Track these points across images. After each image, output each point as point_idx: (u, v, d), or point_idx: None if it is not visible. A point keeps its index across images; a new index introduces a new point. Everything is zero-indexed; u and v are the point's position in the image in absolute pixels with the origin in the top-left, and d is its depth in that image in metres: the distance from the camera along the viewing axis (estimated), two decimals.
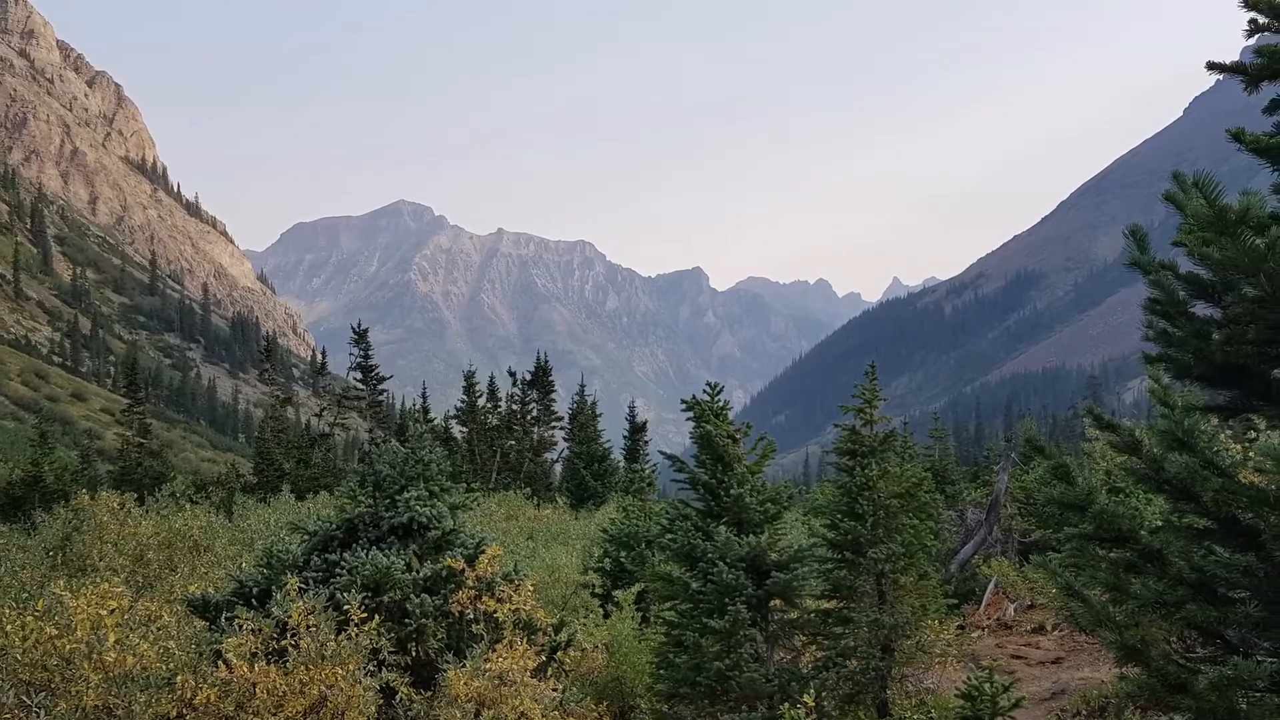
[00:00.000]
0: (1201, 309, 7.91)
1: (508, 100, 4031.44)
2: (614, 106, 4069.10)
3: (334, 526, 11.31)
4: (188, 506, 24.56)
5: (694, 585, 12.59)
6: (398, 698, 9.48)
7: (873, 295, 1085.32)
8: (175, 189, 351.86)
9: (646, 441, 55.69)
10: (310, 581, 10.18)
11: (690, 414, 13.80)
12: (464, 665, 9.48)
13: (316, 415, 66.61)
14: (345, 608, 9.28)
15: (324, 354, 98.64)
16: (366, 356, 59.24)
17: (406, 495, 11.15)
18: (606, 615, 16.55)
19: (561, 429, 60.64)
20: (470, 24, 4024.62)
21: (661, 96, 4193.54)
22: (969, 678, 10.79)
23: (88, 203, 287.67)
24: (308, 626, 8.92)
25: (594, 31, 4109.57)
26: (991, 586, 25.04)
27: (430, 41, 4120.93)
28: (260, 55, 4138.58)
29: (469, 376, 60.32)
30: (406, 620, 10.27)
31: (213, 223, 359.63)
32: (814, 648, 14.18)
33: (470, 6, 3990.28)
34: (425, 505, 11.15)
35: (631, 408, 59.51)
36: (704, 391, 14.03)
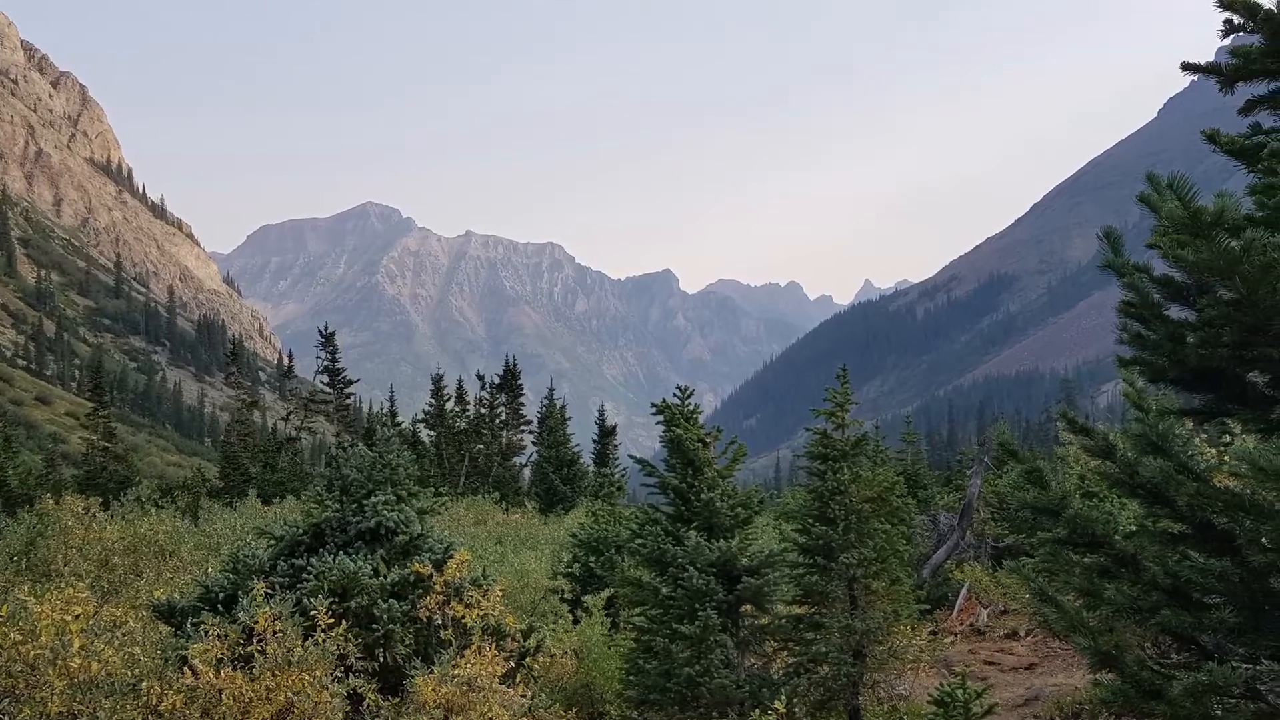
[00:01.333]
0: (1176, 312, 7.88)
1: (475, 102, 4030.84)
2: (583, 107, 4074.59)
3: (300, 531, 11.19)
4: (153, 511, 24.39)
5: (664, 590, 12.52)
6: (365, 704, 9.37)
7: (844, 298, 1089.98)
8: (140, 190, 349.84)
9: (616, 445, 55.61)
10: (277, 587, 10.07)
11: (660, 418, 13.73)
12: (432, 671, 9.37)
13: (283, 419, 66.40)
14: (312, 613, 9.17)
15: (290, 357, 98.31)
16: (333, 359, 59.08)
17: (374, 500, 11.04)
18: (576, 621, 16.47)
19: (530, 433, 60.49)
20: (437, 25, 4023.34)
21: (631, 97, 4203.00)
22: (941, 684, 10.73)
23: (52, 204, 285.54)
24: (274, 632, 8.81)
25: (562, 32, 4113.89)
26: (964, 592, 25.03)
27: (399, 42, 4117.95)
28: (226, 56, 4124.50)
29: (437, 380, 60.13)
30: (374, 626, 10.17)
31: (178, 225, 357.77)
32: (785, 653, 14.12)
33: (437, 8, 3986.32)
34: (393, 510, 11.04)
35: (601, 411, 59.36)
36: (674, 395, 13.97)
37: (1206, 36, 7.99)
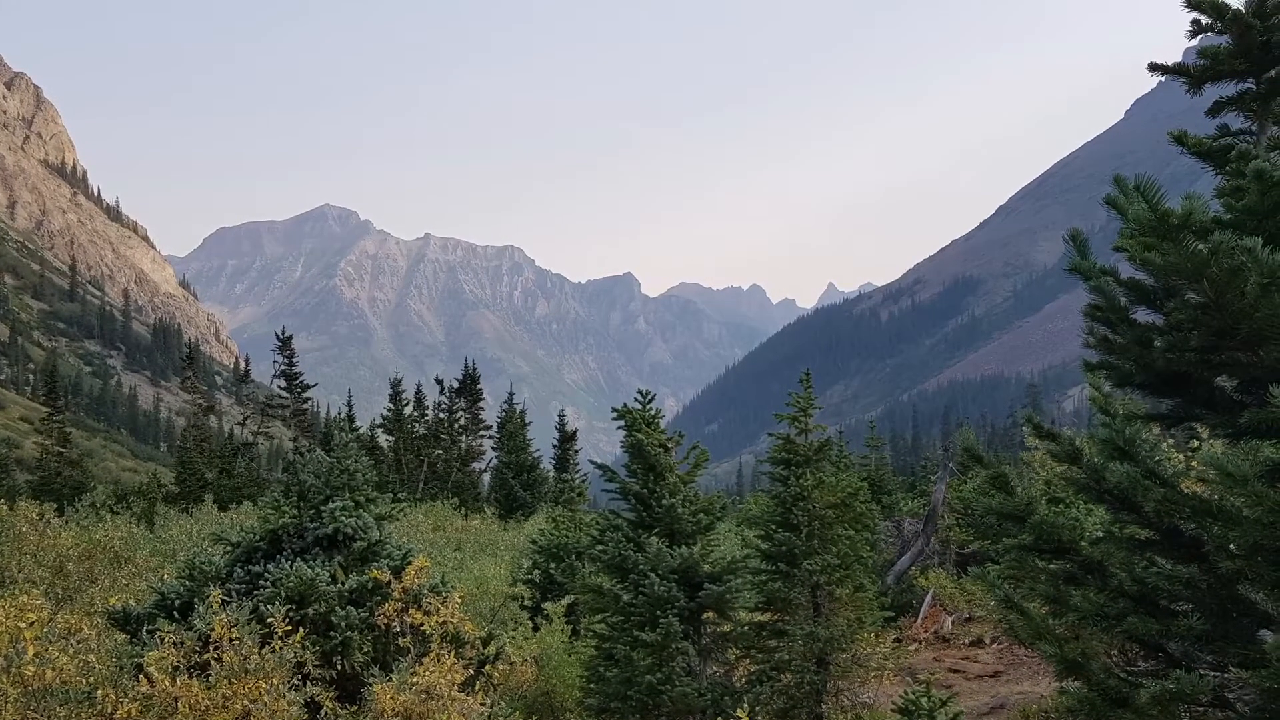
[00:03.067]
0: (1143, 315, 7.85)
1: (434, 103, 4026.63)
2: (543, 109, 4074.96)
3: (257, 537, 11.04)
4: (108, 517, 24.12)
5: (625, 597, 12.42)
6: (322, 712, 9.25)
7: (808, 301, 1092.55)
8: (95, 193, 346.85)
9: (576, 451, 55.49)
10: (233, 594, 9.92)
11: (621, 422, 13.64)
12: (390, 679, 9.27)
13: (240, 424, 66.04)
14: (269, 620, 9.05)
15: (247, 361, 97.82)
16: (290, 364, 58.76)
17: (331, 506, 10.91)
18: (536, 628, 16.35)
19: (490, 438, 60.22)
20: (396, 26, 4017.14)
21: (591, 99, 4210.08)
22: (906, 692, 10.66)
23: (6, 207, 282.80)
24: (231, 639, 8.70)
25: (521, 33, 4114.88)
26: (929, 599, 25.04)
27: (356, 42, 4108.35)
28: (182, 57, 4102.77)
29: (395, 384, 59.77)
30: (331, 633, 10.04)
31: (134, 227, 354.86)
32: (748, 661, 14.06)
33: (394, 8, 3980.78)
34: (350, 516, 10.92)
35: (561, 416, 59.16)
36: (635, 399, 13.88)
37: (1174, 37, 7.97)
